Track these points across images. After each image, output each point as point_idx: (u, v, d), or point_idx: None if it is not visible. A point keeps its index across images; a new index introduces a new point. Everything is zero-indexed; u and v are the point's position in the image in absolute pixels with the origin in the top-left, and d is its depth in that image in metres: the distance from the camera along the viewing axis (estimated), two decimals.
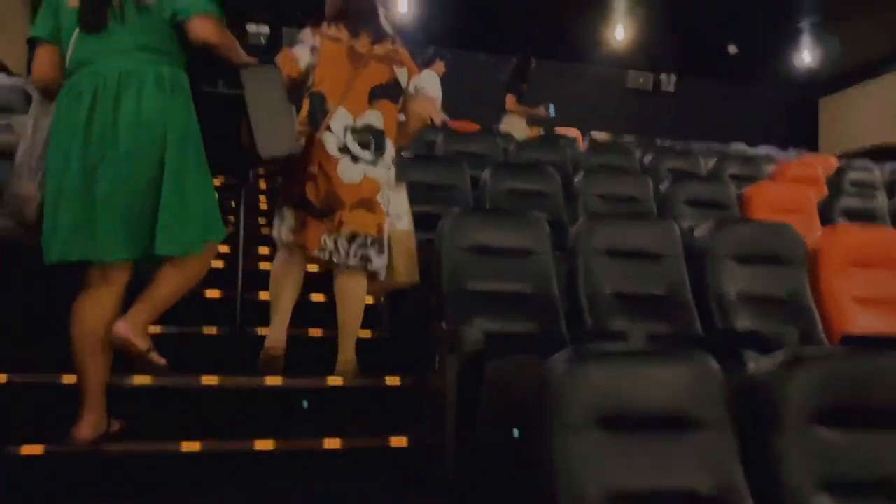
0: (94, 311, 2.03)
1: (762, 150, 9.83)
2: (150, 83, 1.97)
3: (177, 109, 2.01)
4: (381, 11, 2.72)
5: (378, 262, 2.60)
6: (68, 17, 2.02)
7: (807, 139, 11.99)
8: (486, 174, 3.94)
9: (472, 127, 6.74)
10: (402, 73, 2.68)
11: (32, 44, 2.10)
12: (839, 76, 11.23)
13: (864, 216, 4.42)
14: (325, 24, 2.63)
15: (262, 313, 2.72)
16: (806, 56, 10.44)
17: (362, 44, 2.62)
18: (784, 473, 1.53)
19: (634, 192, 4.05)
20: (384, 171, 2.60)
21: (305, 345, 2.81)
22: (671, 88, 11.50)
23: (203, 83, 2.14)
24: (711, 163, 5.45)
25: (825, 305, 2.92)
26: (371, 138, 2.56)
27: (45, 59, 2.07)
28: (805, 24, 9.83)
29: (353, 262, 2.56)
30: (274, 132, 2.22)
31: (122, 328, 1.99)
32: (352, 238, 2.55)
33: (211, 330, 2.82)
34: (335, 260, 2.56)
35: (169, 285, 2.08)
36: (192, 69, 2.11)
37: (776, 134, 11.27)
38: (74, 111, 1.94)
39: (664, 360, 1.61)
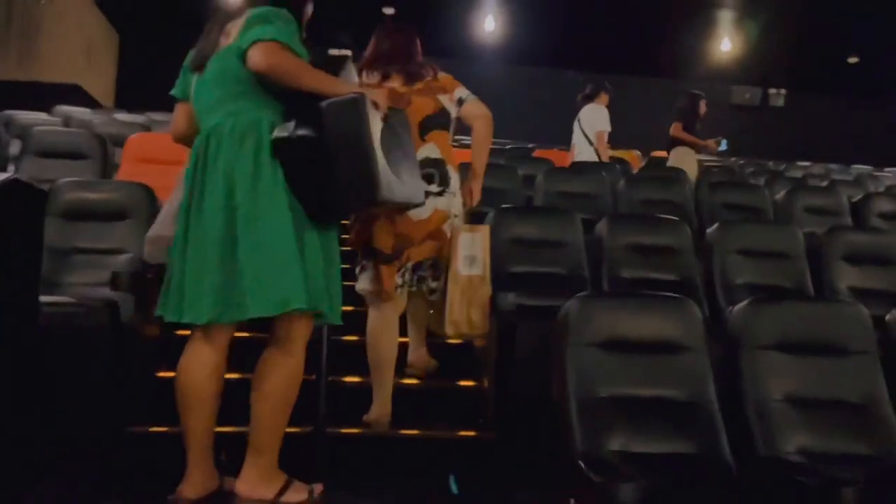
0: (197, 365, 1.93)
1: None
2: (225, 136, 1.89)
3: (244, 158, 1.87)
4: (418, 55, 2.69)
5: (433, 283, 2.63)
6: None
7: None
8: (601, 227, 3.36)
9: (565, 156, 6.05)
10: (446, 100, 2.65)
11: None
12: None
13: None
14: (362, 74, 2.61)
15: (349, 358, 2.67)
16: None
17: (397, 85, 2.60)
18: None
19: (781, 245, 3.36)
20: (450, 199, 2.59)
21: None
22: (781, 103, 10.58)
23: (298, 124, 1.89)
24: (856, 197, 4.67)
25: None
26: (433, 171, 2.54)
27: (178, 115, 2.11)
28: None
29: (412, 286, 2.62)
30: (392, 174, 1.96)
31: (243, 489, 1.91)
32: (416, 267, 2.61)
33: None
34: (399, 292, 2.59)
35: (263, 416, 1.93)
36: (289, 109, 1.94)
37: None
38: (188, 170, 1.96)
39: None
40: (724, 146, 5.91)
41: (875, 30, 8.64)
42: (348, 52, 2.09)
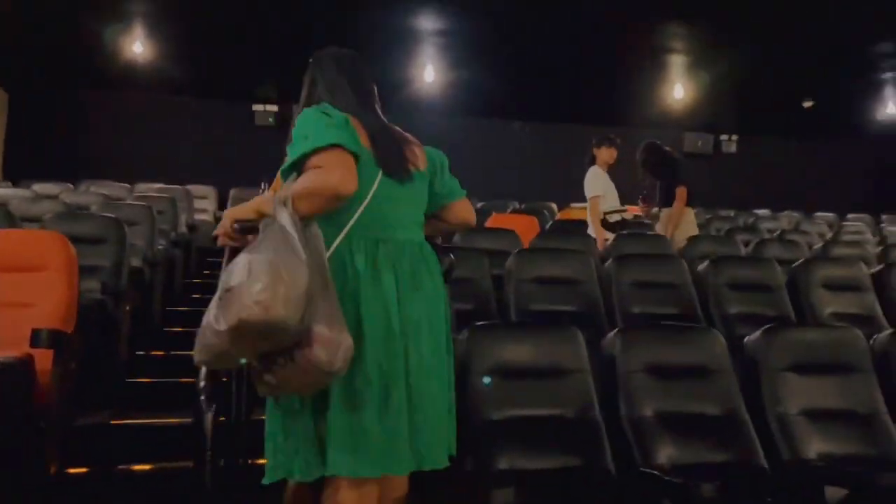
0: None
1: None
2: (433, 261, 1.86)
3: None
4: None
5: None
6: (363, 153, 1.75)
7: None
8: (616, 345, 2.49)
9: (524, 222, 5.59)
10: None
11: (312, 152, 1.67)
12: None
13: None
14: None
15: None
16: (890, 108, 9.27)
17: None
18: None
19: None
20: None
21: None
22: (733, 150, 10.42)
23: None
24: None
25: None
26: None
27: (354, 169, 1.66)
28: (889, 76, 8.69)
29: None
30: None
31: None
32: None
33: None
34: None
35: None
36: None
37: (856, 197, 10.01)
38: (384, 280, 1.72)
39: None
40: None
41: (829, 73, 8.55)
42: None
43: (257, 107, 9.22)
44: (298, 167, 1.65)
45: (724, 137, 10.42)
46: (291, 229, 1.51)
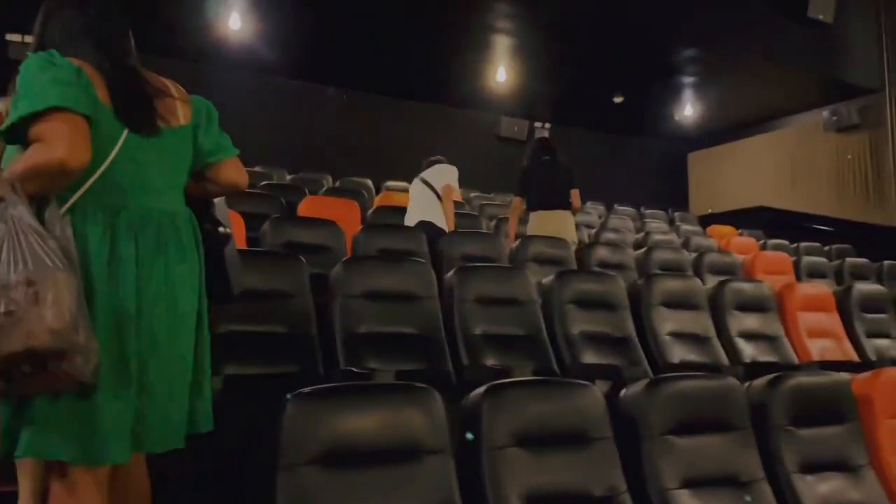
0: None
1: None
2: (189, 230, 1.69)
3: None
4: None
5: None
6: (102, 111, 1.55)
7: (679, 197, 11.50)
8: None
9: (344, 208, 5.01)
10: None
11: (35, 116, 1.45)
12: (713, 133, 10.81)
13: None
14: None
15: None
16: (687, 110, 9.83)
17: None
18: None
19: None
20: None
21: None
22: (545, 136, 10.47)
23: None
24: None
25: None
26: None
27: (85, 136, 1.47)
28: (686, 80, 9.15)
29: None
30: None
31: None
32: None
33: None
34: None
35: None
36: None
37: (649, 191, 10.61)
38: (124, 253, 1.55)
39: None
40: None
41: (638, 73, 8.78)
42: None
43: (12, 36, 7.45)
44: (20, 133, 1.46)
45: (537, 124, 10.44)
46: (30, 222, 1.37)
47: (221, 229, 1.79)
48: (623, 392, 2.19)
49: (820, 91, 9.31)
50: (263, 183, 6.06)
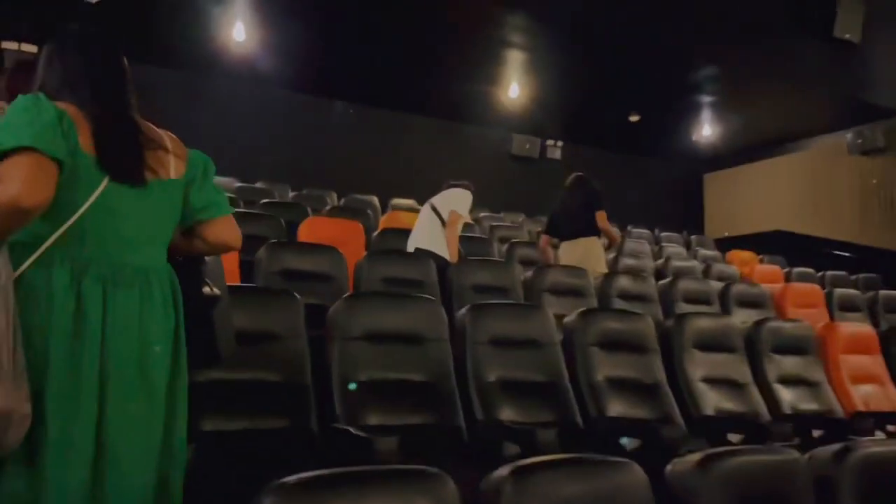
0: None
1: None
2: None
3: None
4: None
5: None
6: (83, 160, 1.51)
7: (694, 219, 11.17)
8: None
9: (347, 230, 4.68)
10: None
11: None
12: (733, 153, 10.49)
13: None
14: None
15: None
16: (706, 130, 9.51)
17: None
18: None
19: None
20: None
21: None
22: (557, 156, 10.17)
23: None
24: None
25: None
26: None
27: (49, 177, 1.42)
28: (704, 99, 8.84)
29: None
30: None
31: None
32: None
33: None
34: None
35: None
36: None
37: (663, 212, 10.29)
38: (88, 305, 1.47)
39: None
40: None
41: (655, 92, 8.48)
42: None
43: (8, 44, 7.23)
44: None
45: (549, 142, 10.15)
46: None
47: (207, 290, 1.68)
48: (669, 469, 1.86)
49: (844, 112, 8.98)
50: (264, 201, 5.76)
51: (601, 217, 4.91)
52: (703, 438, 2.90)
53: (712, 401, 3.14)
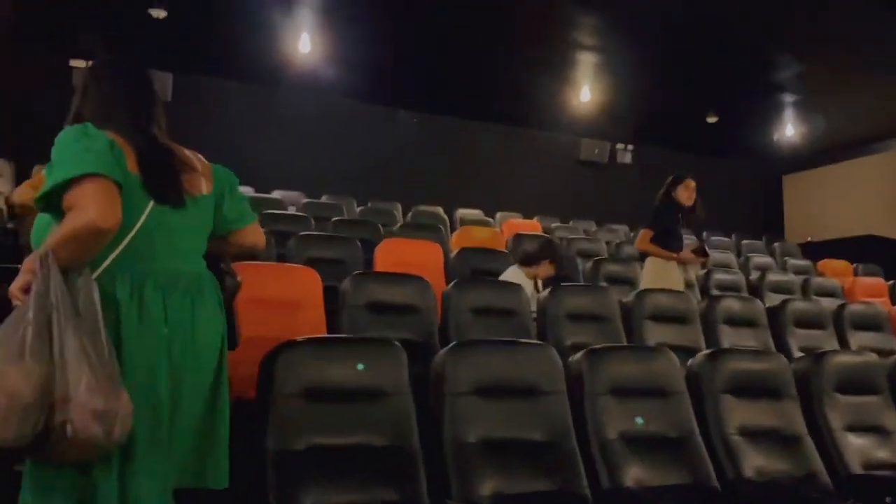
0: None
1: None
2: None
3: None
4: None
5: None
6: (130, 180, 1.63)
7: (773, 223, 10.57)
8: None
9: (425, 252, 4.36)
10: None
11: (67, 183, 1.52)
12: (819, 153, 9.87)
13: None
14: None
15: None
16: (788, 130, 8.95)
17: None
18: None
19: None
20: None
21: None
22: (628, 160, 9.75)
23: None
24: None
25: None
26: None
27: (116, 200, 1.53)
28: (787, 98, 8.30)
29: None
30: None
31: None
32: None
33: None
34: None
35: None
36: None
37: (740, 215, 9.74)
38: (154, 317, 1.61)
39: None
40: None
41: (734, 92, 8.01)
42: None
43: (76, 62, 7.25)
44: (54, 200, 1.52)
45: (619, 146, 9.73)
46: (39, 301, 1.41)
47: (230, 280, 1.83)
48: None
49: None
50: (335, 219, 5.56)
51: (640, 236, 4.44)
52: (852, 499, 2.53)
53: (857, 455, 2.75)
